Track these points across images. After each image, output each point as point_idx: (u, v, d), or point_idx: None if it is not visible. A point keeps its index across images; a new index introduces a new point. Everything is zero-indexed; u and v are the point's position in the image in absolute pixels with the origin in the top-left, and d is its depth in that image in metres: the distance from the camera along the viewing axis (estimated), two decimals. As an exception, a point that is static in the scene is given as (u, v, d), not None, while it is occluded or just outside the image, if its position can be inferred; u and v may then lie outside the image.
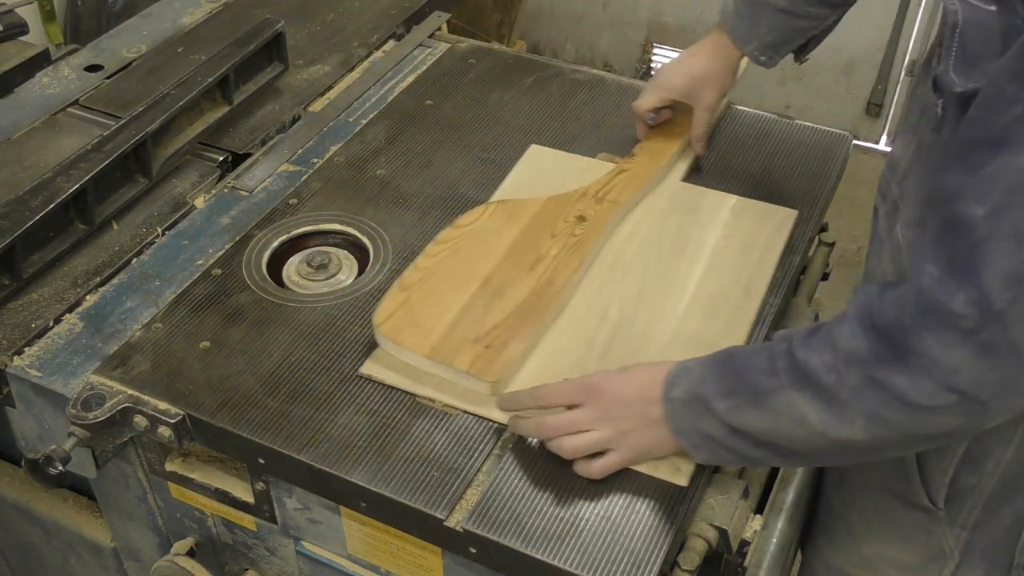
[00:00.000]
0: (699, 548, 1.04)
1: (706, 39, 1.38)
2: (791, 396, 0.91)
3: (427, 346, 1.16)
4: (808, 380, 0.89)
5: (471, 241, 1.30)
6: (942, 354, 0.80)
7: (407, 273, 1.26)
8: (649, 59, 3.65)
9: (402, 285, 1.24)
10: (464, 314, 1.20)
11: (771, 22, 1.28)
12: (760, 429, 0.94)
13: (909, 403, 0.83)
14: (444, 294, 1.23)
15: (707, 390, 0.97)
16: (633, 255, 1.32)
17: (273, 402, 1.14)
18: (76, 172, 1.32)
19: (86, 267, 1.33)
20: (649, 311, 1.23)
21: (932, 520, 1.08)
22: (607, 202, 1.37)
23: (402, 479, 1.06)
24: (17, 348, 1.21)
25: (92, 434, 1.12)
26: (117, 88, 1.62)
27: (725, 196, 1.40)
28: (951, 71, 0.87)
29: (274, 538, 1.25)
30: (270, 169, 1.49)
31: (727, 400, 0.96)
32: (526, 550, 1.00)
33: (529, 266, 1.27)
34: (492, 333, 1.18)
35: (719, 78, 1.38)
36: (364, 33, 1.79)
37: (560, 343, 1.20)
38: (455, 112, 1.60)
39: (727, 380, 0.96)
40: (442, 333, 1.17)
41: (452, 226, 1.33)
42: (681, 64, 1.41)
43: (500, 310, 1.21)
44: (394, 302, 1.21)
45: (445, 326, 1.18)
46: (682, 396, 1.00)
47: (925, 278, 0.81)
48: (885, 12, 3.13)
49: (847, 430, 0.88)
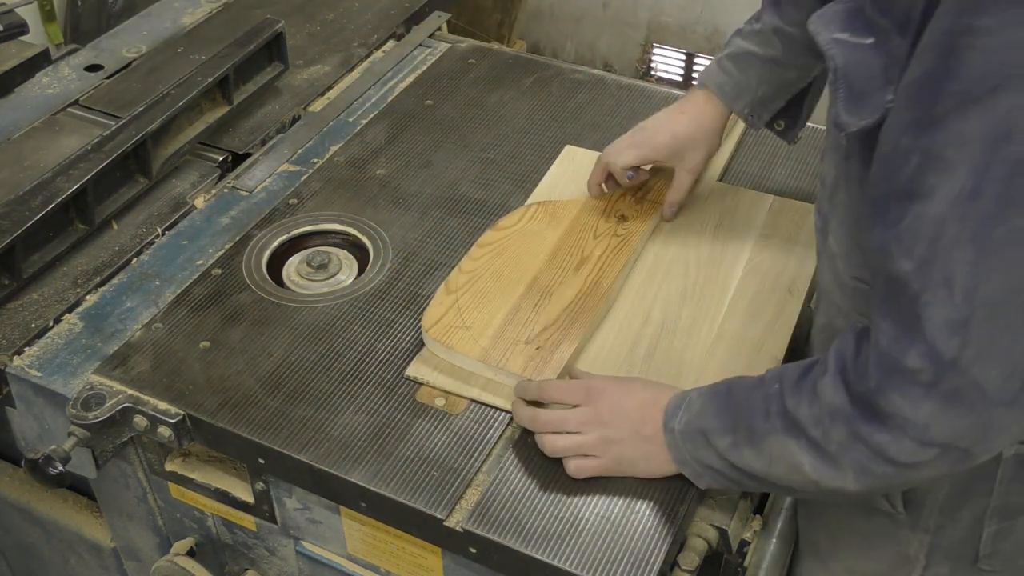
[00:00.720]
0: (699, 548, 1.04)
1: (690, 98, 1.31)
2: (786, 442, 0.91)
3: (478, 348, 1.16)
4: (799, 429, 0.90)
5: (515, 243, 1.31)
6: (912, 411, 0.81)
7: (453, 276, 1.26)
8: (649, 59, 3.65)
9: (448, 288, 1.24)
10: (514, 316, 1.20)
11: (760, 74, 1.24)
12: (758, 469, 0.95)
13: (891, 459, 0.84)
14: (492, 296, 1.23)
15: (708, 424, 0.98)
16: (674, 255, 1.32)
17: (273, 402, 1.14)
18: (76, 172, 1.32)
19: (86, 267, 1.33)
20: (692, 311, 1.23)
21: (895, 525, 1.08)
22: (647, 201, 1.37)
23: (402, 479, 1.06)
24: (17, 348, 1.21)
25: (92, 434, 1.12)
26: (117, 88, 1.62)
27: (763, 196, 1.40)
28: (843, 113, 0.87)
29: (274, 538, 1.25)
30: (270, 169, 1.49)
31: (726, 437, 0.96)
32: (526, 550, 1.00)
33: (575, 267, 1.27)
34: (543, 335, 1.18)
35: (706, 139, 1.30)
36: (364, 33, 1.79)
37: (605, 344, 1.20)
38: (455, 112, 1.60)
39: (727, 417, 0.97)
40: (492, 335, 1.17)
41: (494, 228, 1.33)
42: (666, 123, 1.32)
43: (550, 312, 1.21)
44: (442, 305, 1.21)
45: (495, 328, 1.18)
46: (683, 428, 1.00)
47: (882, 337, 0.83)
48: (885, 12, 3.13)
49: (839, 481, 0.89)
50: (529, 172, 1.47)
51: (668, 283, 1.28)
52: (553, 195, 1.41)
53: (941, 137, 0.76)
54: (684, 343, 1.20)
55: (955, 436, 0.82)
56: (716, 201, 1.40)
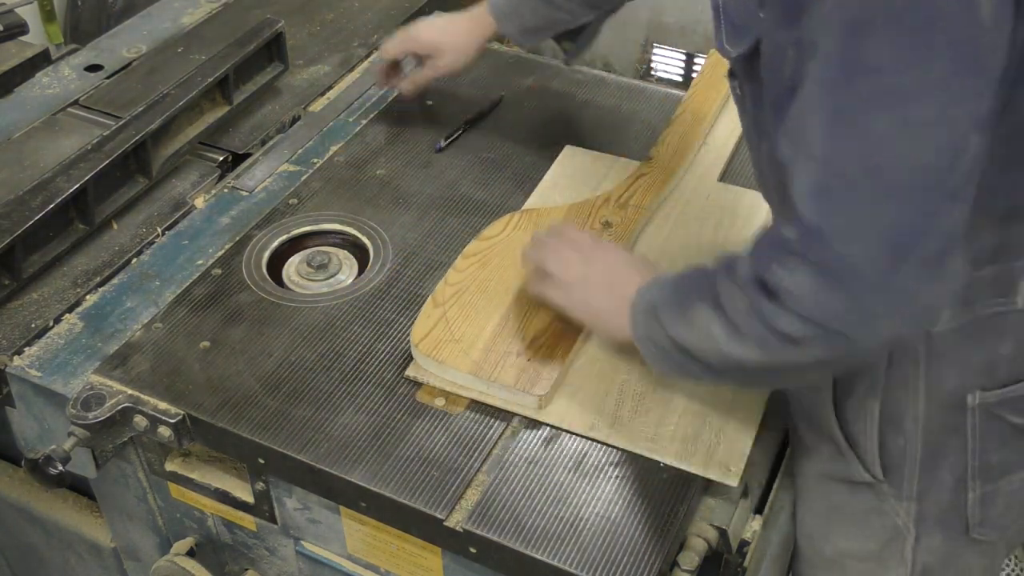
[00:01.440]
0: (699, 548, 1.04)
1: (471, 11, 1.45)
2: (705, 312, 0.95)
3: (469, 362, 1.15)
4: (717, 301, 0.94)
5: (500, 253, 1.30)
6: (789, 282, 0.85)
7: (439, 288, 1.25)
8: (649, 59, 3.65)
9: (436, 301, 1.23)
10: (503, 327, 1.19)
11: (535, 8, 1.39)
12: (686, 340, 0.98)
13: (780, 333, 0.88)
14: (480, 308, 1.22)
15: (660, 301, 1.02)
16: (675, 256, 1.31)
17: (273, 402, 1.14)
18: (76, 172, 1.32)
19: (86, 267, 1.33)
20: None
21: (878, 496, 1.09)
22: (631, 207, 1.37)
23: (402, 479, 1.06)
24: (17, 348, 1.21)
25: (92, 434, 1.12)
26: (117, 88, 1.62)
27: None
28: (725, 44, 0.96)
29: (274, 538, 1.25)
30: (270, 169, 1.49)
31: (669, 311, 1.00)
32: (526, 550, 1.00)
33: None
34: (533, 346, 1.17)
35: (464, 48, 1.46)
36: (364, 33, 1.79)
37: (605, 343, 1.19)
38: (455, 112, 1.60)
39: (675, 295, 1.01)
40: (483, 348, 1.17)
41: (478, 238, 1.32)
42: (441, 23, 1.48)
43: (538, 322, 1.20)
44: (430, 319, 1.20)
45: (485, 341, 1.17)
46: (644, 306, 1.04)
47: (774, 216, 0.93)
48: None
49: (743, 351, 0.92)
50: (529, 172, 1.47)
51: None
52: (553, 195, 1.41)
53: (806, 22, 0.80)
54: None
55: (829, 315, 0.84)
56: (716, 201, 1.40)
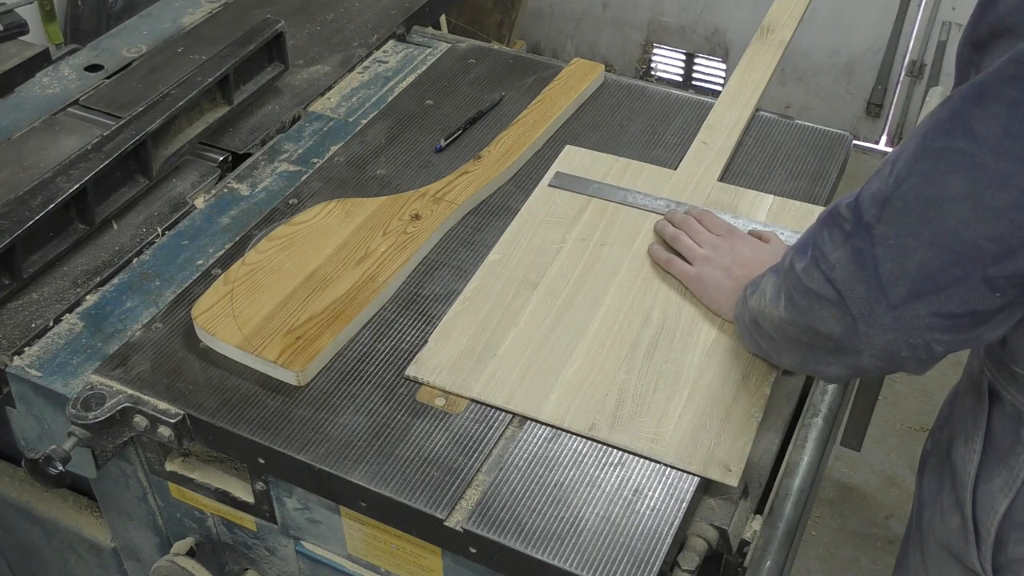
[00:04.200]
0: (699, 548, 1.04)
1: None
2: (769, 277, 1.06)
3: (239, 337, 1.18)
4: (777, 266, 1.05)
5: (305, 237, 1.33)
6: (830, 249, 0.94)
7: (234, 267, 1.28)
8: (649, 59, 3.65)
9: (227, 279, 1.27)
10: (283, 307, 1.23)
11: None
12: (755, 309, 1.09)
13: (805, 288, 0.96)
14: (266, 288, 1.25)
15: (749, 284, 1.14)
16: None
17: (273, 402, 1.14)
18: (76, 172, 1.32)
19: (86, 267, 1.33)
20: (692, 311, 1.24)
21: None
22: (445, 202, 1.39)
23: (402, 479, 1.06)
24: (17, 348, 1.21)
25: (92, 434, 1.12)
26: (117, 88, 1.62)
27: (762, 196, 1.40)
28: None
29: (274, 538, 1.25)
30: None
31: (752, 285, 1.12)
32: (526, 550, 1.00)
33: (356, 262, 1.29)
34: (306, 325, 1.20)
35: None
36: (364, 33, 1.79)
37: (604, 344, 1.20)
38: (455, 112, 1.60)
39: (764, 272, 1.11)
40: (256, 325, 1.20)
41: (288, 223, 1.35)
42: None
43: (319, 303, 1.23)
44: (216, 295, 1.24)
45: (261, 318, 1.21)
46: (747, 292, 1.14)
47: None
48: (885, 12, 3.13)
49: (777, 309, 1.02)
50: (529, 172, 1.47)
51: (668, 283, 1.28)
52: (553, 195, 1.41)
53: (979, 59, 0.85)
54: (684, 343, 1.20)
55: (850, 292, 0.92)
56: (717, 201, 1.40)
